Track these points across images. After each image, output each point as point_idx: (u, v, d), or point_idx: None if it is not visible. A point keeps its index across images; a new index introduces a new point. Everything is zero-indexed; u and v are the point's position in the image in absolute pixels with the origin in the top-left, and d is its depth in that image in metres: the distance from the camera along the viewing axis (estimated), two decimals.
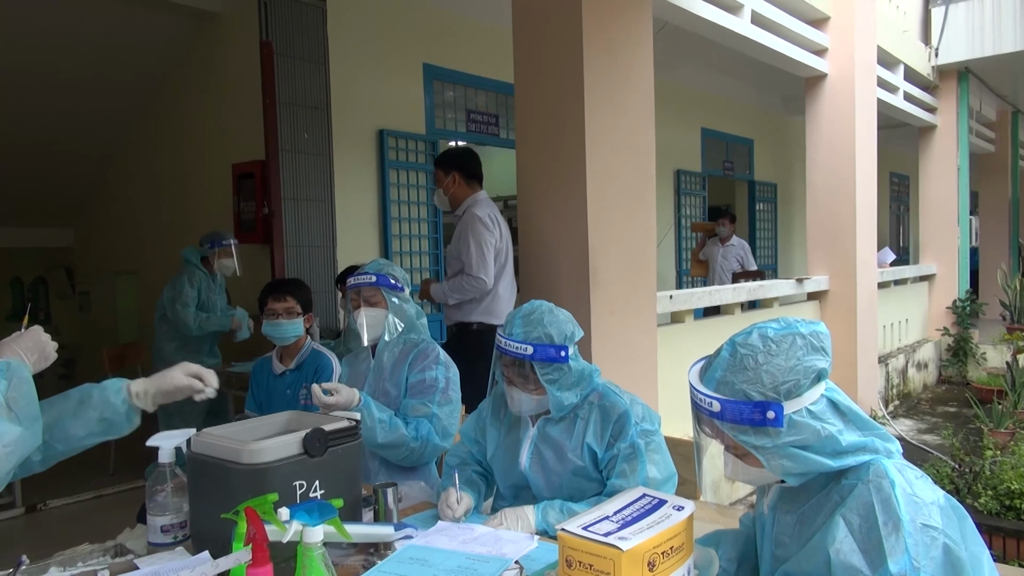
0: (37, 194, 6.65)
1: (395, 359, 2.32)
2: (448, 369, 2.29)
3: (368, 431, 2.08)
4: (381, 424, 2.12)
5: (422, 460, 2.24)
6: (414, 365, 2.27)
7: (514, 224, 3.52)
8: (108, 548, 1.56)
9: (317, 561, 1.12)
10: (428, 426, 2.19)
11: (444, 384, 2.25)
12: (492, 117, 6.18)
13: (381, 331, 2.31)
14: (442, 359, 2.30)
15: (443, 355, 2.31)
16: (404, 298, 2.34)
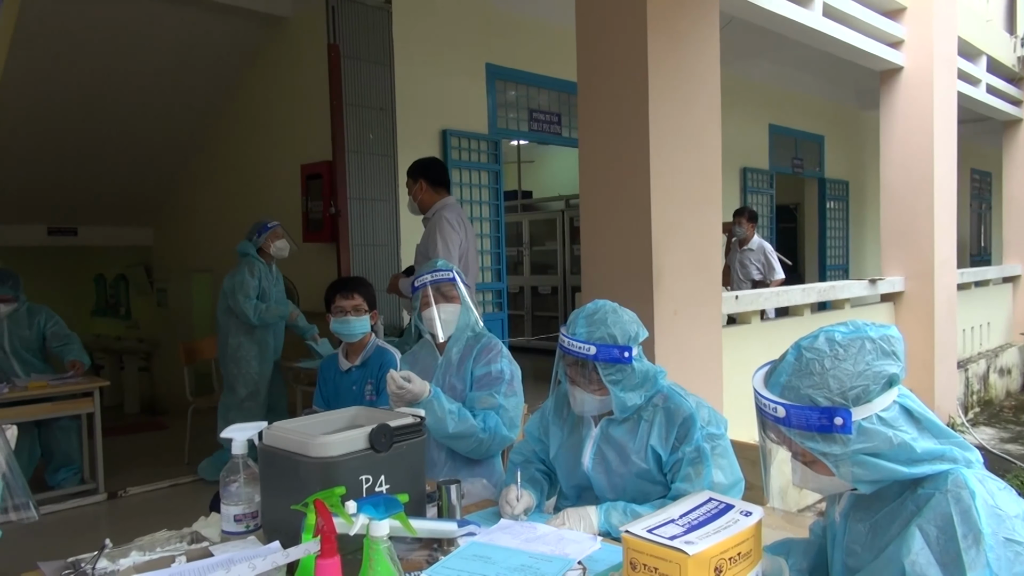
0: (119, 195, 6.97)
1: (461, 354, 2.35)
2: (512, 363, 2.32)
3: (439, 422, 2.12)
4: (451, 414, 2.15)
5: (489, 452, 2.25)
6: (479, 359, 2.30)
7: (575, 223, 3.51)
8: (184, 535, 1.62)
9: (383, 555, 1.14)
10: (496, 418, 2.21)
11: (509, 376, 2.28)
12: (554, 116, 6.17)
13: (455, 326, 2.35)
14: (505, 353, 2.33)
15: (506, 349, 2.35)
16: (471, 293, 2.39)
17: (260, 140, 5.88)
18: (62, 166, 6.34)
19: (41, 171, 6.36)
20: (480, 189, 5.61)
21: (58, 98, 5.71)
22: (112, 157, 6.41)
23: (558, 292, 9.23)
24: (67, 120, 5.90)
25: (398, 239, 5.08)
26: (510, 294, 7.96)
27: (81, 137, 6.10)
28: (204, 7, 5.17)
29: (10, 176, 6.32)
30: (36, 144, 6.08)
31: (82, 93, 5.70)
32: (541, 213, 9.80)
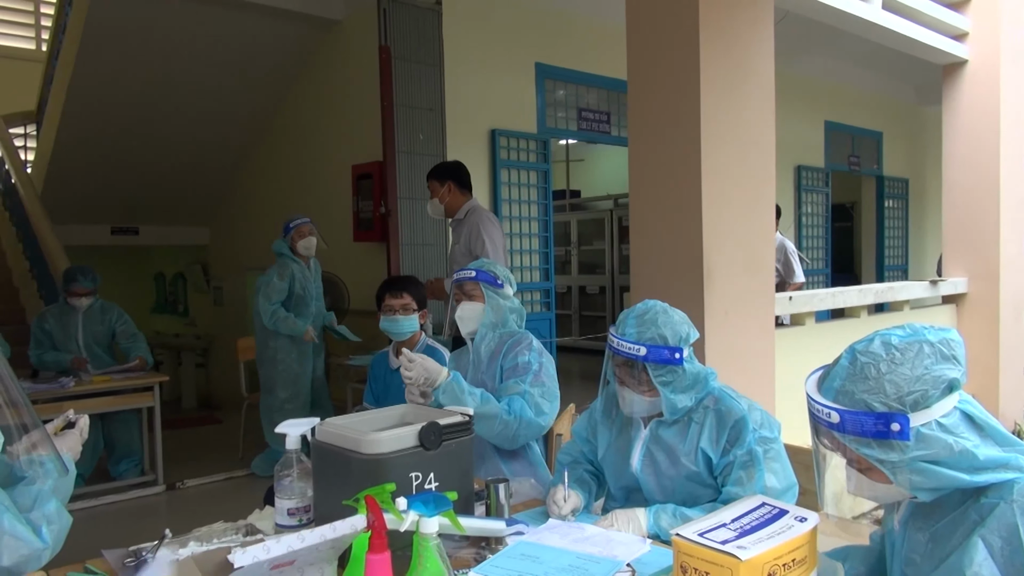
0: (178, 196, 7.19)
1: (491, 351, 2.38)
2: (542, 355, 2.32)
3: (459, 402, 2.13)
4: (471, 395, 2.16)
5: (518, 438, 2.22)
6: (508, 354, 2.33)
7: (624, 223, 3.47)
8: (240, 527, 1.66)
9: (432, 551, 1.15)
10: (520, 401, 2.21)
11: (537, 367, 2.28)
12: (603, 115, 6.14)
13: (476, 325, 2.40)
14: (535, 346, 2.33)
15: (537, 343, 2.35)
16: (504, 295, 2.39)
17: (312, 141, 6.00)
18: (125, 168, 6.57)
19: (105, 173, 6.60)
20: (528, 188, 5.61)
21: (122, 103, 5.92)
22: (171, 159, 6.61)
23: (606, 292, 9.18)
24: (130, 124, 6.12)
25: (447, 239, 5.12)
26: (558, 294, 7.95)
27: (143, 140, 6.31)
28: (260, 12, 5.29)
29: (77, 179, 6.58)
30: (101, 148, 6.31)
31: (144, 98, 5.90)
32: (589, 212, 9.75)
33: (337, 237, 5.55)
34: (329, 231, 5.31)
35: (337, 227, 5.51)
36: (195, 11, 5.26)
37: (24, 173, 6.87)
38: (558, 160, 9.57)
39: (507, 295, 2.42)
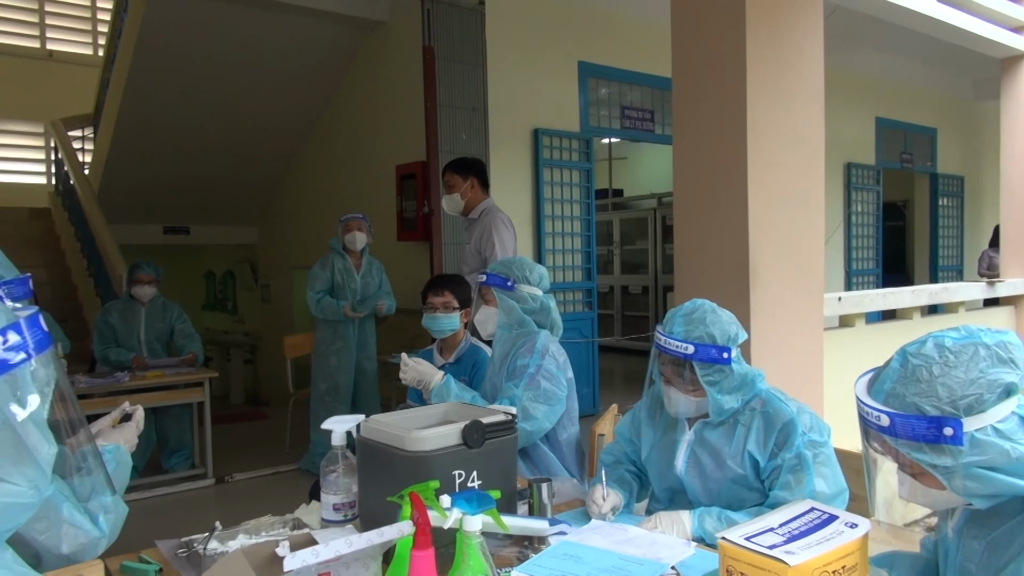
0: (227, 196, 7.36)
1: (504, 353, 2.40)
2: (543, 357, 2.31)
3: None
4: (458, 399, 2.21)
5: None
6: (514, 356, 2.34)
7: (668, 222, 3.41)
8: (287, 521, 1.70)
9: (476, 550, 1.15)
10: (506, 405, 2.21)
11: (534, 370, 2.28)
12: (647, 113, 6.08)
13: (491, 329, 2.46)
14: (538, 347, 2.32)
15: (542, 345, 2.33)
16: (516, 295, 2.39)
17: (358, 141, 6.07)
18: (177, 169, 6.74)
19: (158, 174, 6.79)
20: (571, 188, 5.60)
21: (174, 106, 6.08)
22: (221, 160, 6.77)
23: (649, 292, 9.10)
24: (182, 126, 6.28)
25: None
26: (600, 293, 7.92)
27: (194, 142, 6.47)
28: (308, 15, 5.38)
29: (132, 179, 6.78)
30: (154, 149, 6.49)
31: (195, 101, 6.05)
32: (632, 211, 9.68)
33: (381, 236, 5.61)
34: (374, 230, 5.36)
35: (381, 226, 5.57)
36: (245, 15, 5.37)
37: (82, 175, 7.11)
38: (601, 159, 9.52)
39: (520, 296, 2.40)
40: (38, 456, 0.80)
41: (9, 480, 0.77)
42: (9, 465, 0.77)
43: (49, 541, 1.25)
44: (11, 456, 0.77)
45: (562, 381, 2.32)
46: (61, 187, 7.70)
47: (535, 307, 2.41)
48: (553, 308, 2.45)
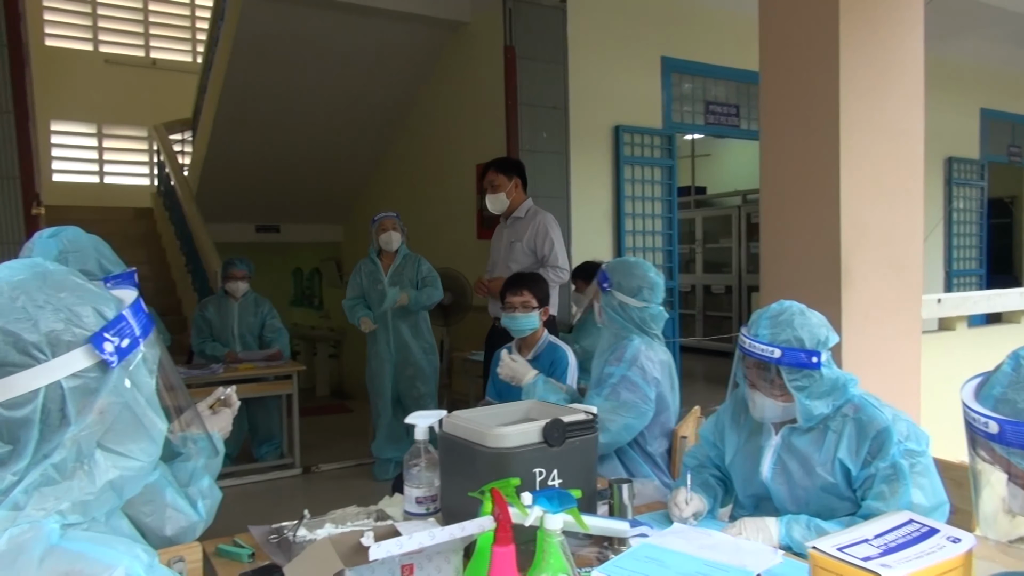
0: (315, 196, 7.61)
1: (602, 352, 2.37)
2: (630, 368, 2.24)
3: None
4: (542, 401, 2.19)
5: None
6: (607, 360, 2.31)
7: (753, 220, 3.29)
8: (371, 512, 1.74)
9: (557, 548, 1.15)
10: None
11: (616, 380, 2.23)
12: (732, 108, 5.93)
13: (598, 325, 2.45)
14: (627, 356, 2.26)
15: (631, 354, 2.26)
16: (612, 299, 2.35)
17: (440, 141, 6.16)
18: (269, 170, 7.02)
19: (252, 175, 7.09)
20: (653, 185, 5.52)
21: (267, 109, 6.33)
22: (310, 161, 7.01)
23: (732, 291, 8.88)
24: (274, 129, 6.53)
25: (570, 237, 5.11)
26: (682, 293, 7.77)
27: (285, 144, 6.72)
28: (392, 17, 5.50)
29: (227, 180, 7.10)
30: (248, 151, 6.78)
31: (287, 104, 6.28)
32: (716, 209, 9.47)
33: (462, 235, 5.68)
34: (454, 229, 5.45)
35: (462, 225, 5.64)
36: (334, 20, 5.54)
37: (181, 176, 7.50)
38: (683, 156, 9.35)
39: (611, 301, 2.35)
40: (152, 432, 0.86)
41: (130, 455, 0.83)
42: (129, 442, 0.83)
43: (154, 523, 1.32)
44: (130, 434, 0.83)
45: (648, 393, 2.24)
46: (162, 188, 8.13)
47: (623, 316, 2.34)
48: (650, 321, 2.35)
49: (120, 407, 0.82)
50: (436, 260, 4.95)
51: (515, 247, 3.93)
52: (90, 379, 0.80)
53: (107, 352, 0.80)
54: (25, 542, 0.72)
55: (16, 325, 0.77)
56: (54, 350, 0.78)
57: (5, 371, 0.76)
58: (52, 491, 0.76)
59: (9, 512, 0.74)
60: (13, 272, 0.81)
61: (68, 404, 0.78)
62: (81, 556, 0.72)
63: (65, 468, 0.77)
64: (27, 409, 0.76)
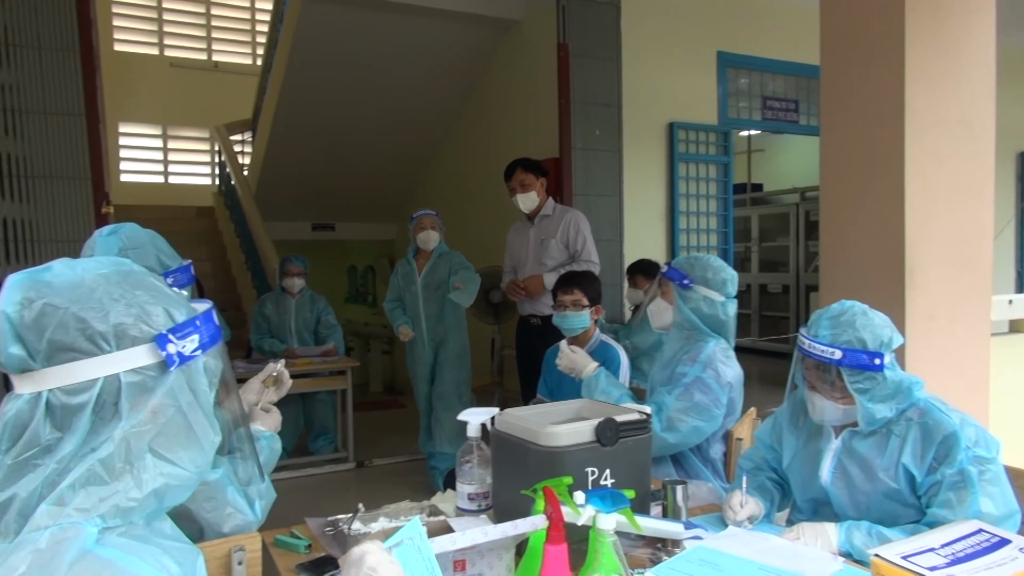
0: (370, 195, 7.72)
1: (673, 352, 2.31)
2: (704, 369, 2.18)
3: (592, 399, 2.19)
4: (604, 394, 2.20)
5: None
6: (679, 359, 2.25)
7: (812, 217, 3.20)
8: (424, 507, 1.76)
9: (609, 548, 1.14)
10: (652, 411, 2.11)
11: (691, 380, 2.17)
12: (791, 103, 5.79)
13: (663, 323, 2.37)
14: (703, 358, 2.20)
15: (707, 356, 2.20)
16: (690, 296, 2.28)
17: (492, 139, 6.18)
18: (325, 170, 7.16)
19: (308, 175, 7.24)
20: (707, 183, 5.43)
21: (324, 110, 6.46)
22: (365, 160, 7.12)
23: (790, 291, 8.67)
24: (330, 129, 6.66)
25: (622, 234, 5.08)
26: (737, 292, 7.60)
27: (341, 143, 6.84)
28: (447, 17, 5.54)
29: (285, 180, 7.27)
30: (305, 151, 6.92)
31: (343, 104, 6.39)
32: (773, 207, 9.26)
33: None
34: (505, 227, 5.42)
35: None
36: (389, 20, 5.61)
37: (241, 176, 7.70)
38: (739, 152, 9.17)
39: (690, 297, 2.28)
40: (204, 442, 0.86)
41: (178, 463, 0.83)
42: (179, 449, 0.83)
43: (214, 520, 1.36)
44: (181, 441, 0.83)
45: (720, 397, 2.18)
46: (223, 187, 8.37)
47: (708, 312, 2.27)
48: (731, 317, 2.30)
49: (174, 411, 0.83)
50: (487, 258, 4.97)
51: (549, 244, 3.98)
52: (148, 377, 0.82)
53: (169, 353, 0.82)
54: (63, 543, 0.73)
55: (88, 313, 0.79)
56: (119, 342, 0.80)
57: (70, 356, 0.78)
58: (98, 491, 0.76)
59: (53, 507, 0.75)
60: (99, 266, 0.85)
61: (123, 398, 0.79)
62: (109, 564, 0.73)
63: (113, 467, 0.77)
64: (83, 396, 0.78)
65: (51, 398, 0.78)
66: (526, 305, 4.01)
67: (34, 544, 0.72)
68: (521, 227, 4.21)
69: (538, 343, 3.76)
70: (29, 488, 0.75)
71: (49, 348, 0.78)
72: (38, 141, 3.67)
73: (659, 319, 2.39)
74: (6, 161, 3.63)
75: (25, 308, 0.78)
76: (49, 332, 0.78)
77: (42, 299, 0.79)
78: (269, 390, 1.70)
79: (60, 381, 0.78)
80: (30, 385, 0.78)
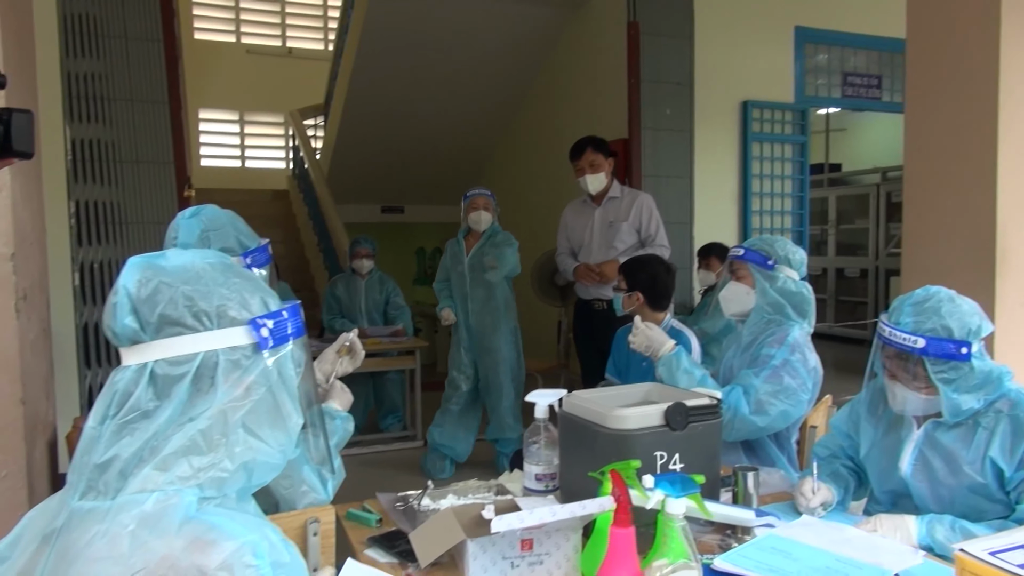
0: (438, 177, 7.79)
1: (752, 337, 2.23)
2: (792, 353, 2.10)
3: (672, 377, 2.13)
4: (687, 374, 2.10)
5: (730, 431, 2.05)
6: (763, 342, 2.16)
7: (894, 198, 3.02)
8: (491, 486, 1.78)
9: (678, 533, 1.13)
10: (738, 394, 2.04)
11: (779, 363, 2.08)
12: (873, 79, 5.55)
13: (740, 308, 2.26)
14: (789, 341, 2.11)
15: (794, 340, 2.12)
16: (773, 277, 2.20)
17: (560, 120, 6.14)
18: (394, 153, 7.27)
19: (378, 158, 7.36)
20: (783, 163, 5.26)
21: (393, 94, 6.54)
22: (433, 143, 7.18)
23: (868, 275, 8.36)
24: (399, 113, 6.74)
25: (692, 216, 4.98)
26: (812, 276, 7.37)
27: (409, 126, 6.92)
28: None
29: (355, 163, 7.41)
30: (375, 134, 7.04)
31: (411, 88, 6.45)
32: (851, 188, 8.92)
33: None
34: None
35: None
36: (457, 3, 5.62)
37: (314, 159, 7.89)
38: (815, 131, 8.85)
39: (777, 277, 2.20)
40: (288, 424, 0.92)
41: (265, 440, 0.89)
42: (266, 427, 0.89)
43: (290, 496, 1.42)
44: (268, 420, 0.90)
45: (807, 383, 2.11)
46: (297, 171, 8.59)
47: (793, 291, 2.20)
48: (811, 298, 2.23)
49: (265, 390, 0.89)
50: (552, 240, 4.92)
51: (620, 227, 3.87)
52: (243, 356, 0.89)
53: (262, 336, 0.90)
54: (168, 507, 0.79)
55: (196, 292, 0.87)
56: (219, 321, 0.88)
57: (176, 330, 0.86)
58: (197, 461, 0.83)
59: (157, 472, 0.81)
60: (206, 256, 0.94)
61: (219, 373, 0.86)
62: (214, 527, 0.78)
63: (211, 438, 0.84)
64: (184, 367, 0.85)
65: (155, 368, 0.85)
66: (591, 288, 3.93)
67: (140, 506, 0.78)
68: (582, 208, 4.07)
69: (603, 327, 3.73)
70: (130, 450, 0.81)
71: (159, 321, 0.86)
72: (125, 127, 3.85)
73: (735, 305, 2.27)
74: (96, 147, 3.82)
75: (143, 285, 0.87)
76: (160, 307, 0.86)
77: (157, 278, 0.87)
78: (343, 360, 1.76)
79: (165, 353, 0.85)
80: (137, 356, 0.86)
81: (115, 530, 0.77)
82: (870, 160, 8.98)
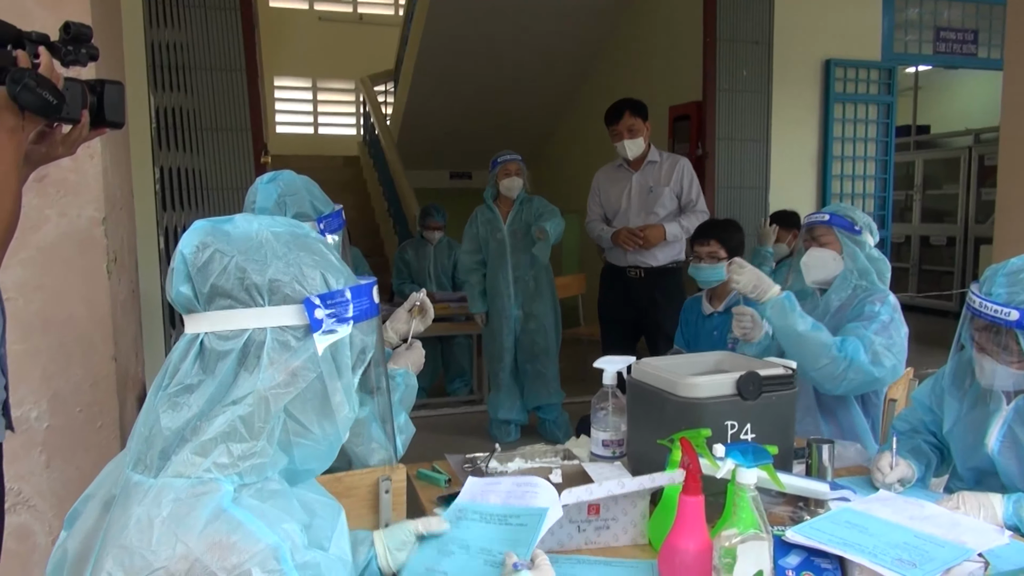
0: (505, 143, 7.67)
1: (842, 302, 2.15)
2: (896, 312, 2.04)
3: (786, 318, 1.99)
4: (802, 317, 1.99)
5: (844, 381, 1.97)
6: (862, 301, 2.08)
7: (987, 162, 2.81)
8: (558, 451, 1.79)
9: (748, 503, 1.11)
10: (856, 343, 1.96)
11: (887, 319, 2.01)
12: (969, 34, 5.20)
13: (824, 274, 2.17)
14: (891, 301, 2.05)
15: (894, 303, 2.06)
16: (861, 242, 2.13)
17: (631, 83, 6.00)
18: (462, 119, 7.27)
19: (446, 124, 7.38)
20: (866, 125, 5.03)
21: (461, 60, 6.52)
22: (501, 109, 7.15)
23: (956, 244, 7.95)
24: (467, 79, 6.72)
25: (767, 182, 4.82)
26: (894, 244, 7.08)
27: (477, 93, 6.91)
28: None
29: (424, 129, 7.46)
30: (443, 101, 7.05)
31: (481, 53, 6.42)
32: (940, 151, 8.45)
33: None
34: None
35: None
36: None
37: (384, 126, 7.97)
38: (904, 90, 8.40)
39: (864, 243, 2.13)
40: (338, 415, 0.87)
41: (310, 428, 0.85)
42: (311, 413, 0.85)
43: (362, 453, 1.46)
44: (316, 407, 0.85)
45: (905, 348, 2.04)
46: (368, 137, 8.70)
47: (876, 257, 2.14)
48: (885, 261, 2.16)
49: (314, 377, 0.84)
50: None
51: (661, 192, 3.69)
52: (292, 337, 0.83)
53: (315, 317, 0.84)
54: (202, 496, 0.76)
55: (250, 264, 0.83)
56: (271, 297, 0.82)
57: (227, 303, 0.82)
58: (237, 448, 0.79)
59: (196, 456, 0.79)
60: (275, 224, 0.88)
61: (265, 353, 0.81)
62: (240, 526, 0.75)
63: (252, 426, 0.80)
64: (231, 344, 0.81)
65: (205, 341, 0.82)
66: (629, 255, 3.71)
67: (175, 492, 0.77)
68: (617, 173, 3.88)
69: (638, 295, 3.65)
70: (172, 427, 0.79)
71: (211, 292, 0.82)
72: (204, 95, 3.96)
73: (819, 271, 2.18)
74: (178, 115, 3.95)
75: (200, 251, 0.83)
76: (213, 277, 0.82)
77: (214, 246, 0.83)
78: (415, 320, 1.78)
79: (214, 326, 0.82)
80: (193, 326, 0.83)
81: (148, 517, 0.75)
82: (962, 121, 8.46)
